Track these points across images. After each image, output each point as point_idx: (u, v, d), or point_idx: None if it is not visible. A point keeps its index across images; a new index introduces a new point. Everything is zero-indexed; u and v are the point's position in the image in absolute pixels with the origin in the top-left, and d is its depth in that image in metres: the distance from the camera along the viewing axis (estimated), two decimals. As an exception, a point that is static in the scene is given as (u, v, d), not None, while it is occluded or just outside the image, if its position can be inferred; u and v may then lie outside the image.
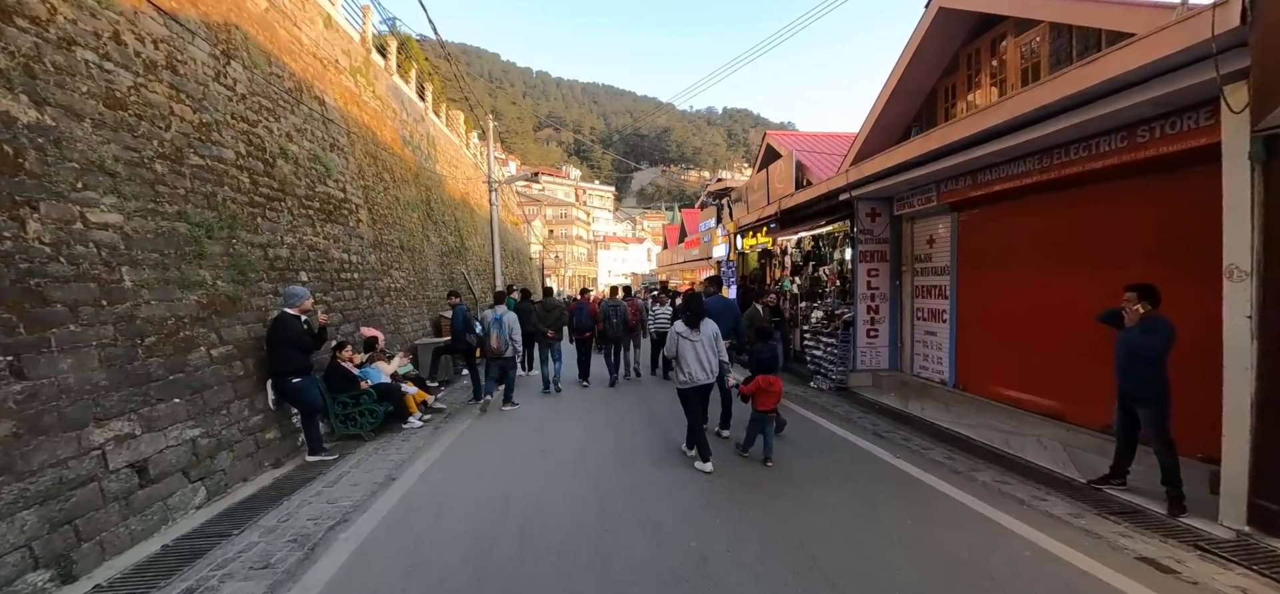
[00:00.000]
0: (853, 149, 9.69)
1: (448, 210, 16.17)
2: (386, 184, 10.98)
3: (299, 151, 7.49)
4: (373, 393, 6.19)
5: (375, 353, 7.01)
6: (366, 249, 9.02)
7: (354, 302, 8.09)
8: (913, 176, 7.53)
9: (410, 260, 11.36)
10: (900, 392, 8.42)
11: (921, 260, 8.69)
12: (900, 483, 4.64)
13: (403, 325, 9.95)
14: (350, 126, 9.76)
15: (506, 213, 31.79)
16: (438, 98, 18.69)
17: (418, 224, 12.57)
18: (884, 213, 9.05)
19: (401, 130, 13.46)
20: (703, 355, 4.96)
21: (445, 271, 14.17)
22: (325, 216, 7.81)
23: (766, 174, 13.35)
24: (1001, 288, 7.06)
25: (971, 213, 7.55)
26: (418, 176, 13.71)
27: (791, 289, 11.55)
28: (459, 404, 8.06)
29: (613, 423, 6.85)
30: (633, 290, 13.66)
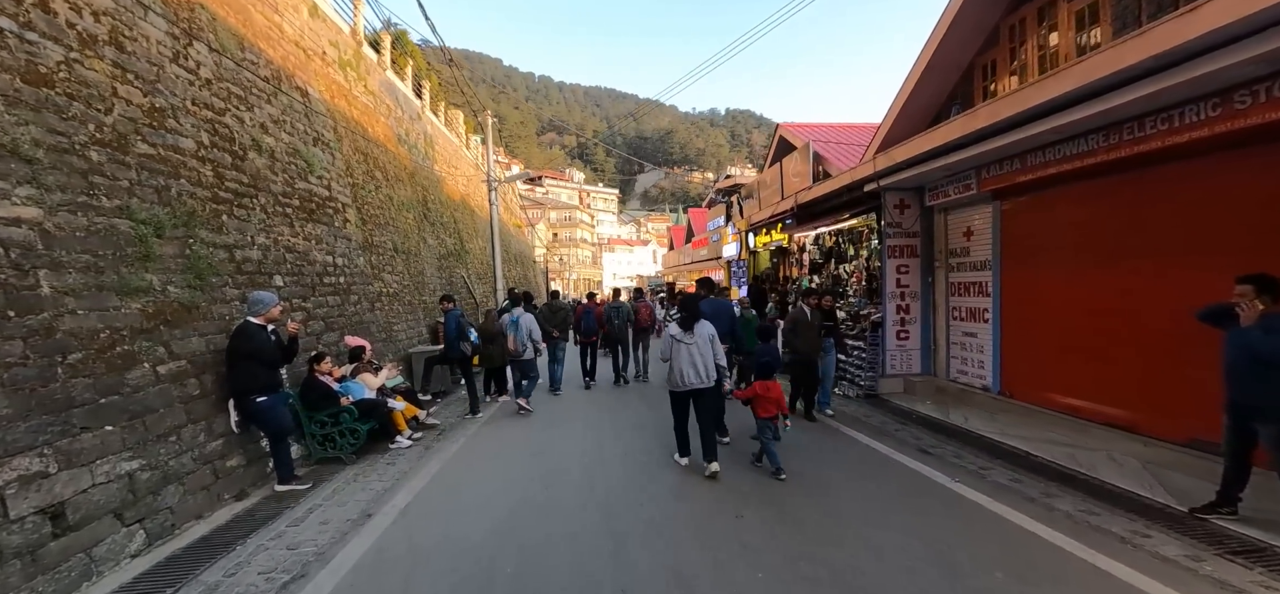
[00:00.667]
0: (878, 136, 8.96)
1: (447, 212, 15.54)
2: (378, 183, 10.34)
3: (276, 145, 6.84)
4: (354, 410, 5.51)
5: (361, 364, 6.34)
6: (355, 251, 8.36)
7: (339, 308, 7.42)
8: (951, 162, 6.80)
9: (405, 263, 10.71)
10: (937, 398, 7.66)
11: (957, 255, 7.94)
12: (970, 516, 3.90)
13: (396, 333, 9.28)
14: (337, 121, 9.12)
15: (509, 215, 31.19)
16: (435, 96, 18.09)
17: (413, 225, 11.93)
18: (914, 204, 8.31)
19: (396, 128, 12.84)
20: (697, 358, 4.75)
21: (444, 275, 13.52)
22: (307, 215, 7.16)
23: (779, 168, 12.62)
24: (1055, 283, 6.31)
25: (1017, 200, 6.81)
26: (413, 176, 13.08)
27: (811, 288, 10.80)
28: (455, 418, 7.38)
29: (621, 437, 6.15)
30: (644, 293, 13.50)
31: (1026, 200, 6.65)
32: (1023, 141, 5.79)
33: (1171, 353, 5.01)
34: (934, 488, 4.45)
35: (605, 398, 8.86)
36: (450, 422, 7.17)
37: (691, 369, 4.74)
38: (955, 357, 8.02)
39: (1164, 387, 5.12)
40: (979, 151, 6.25)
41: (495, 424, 6.99)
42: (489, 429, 6.72)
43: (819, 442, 5.92)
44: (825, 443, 5.87)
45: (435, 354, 7.53)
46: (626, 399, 8.78)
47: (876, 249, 9.38)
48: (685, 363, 4.75)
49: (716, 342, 4.89)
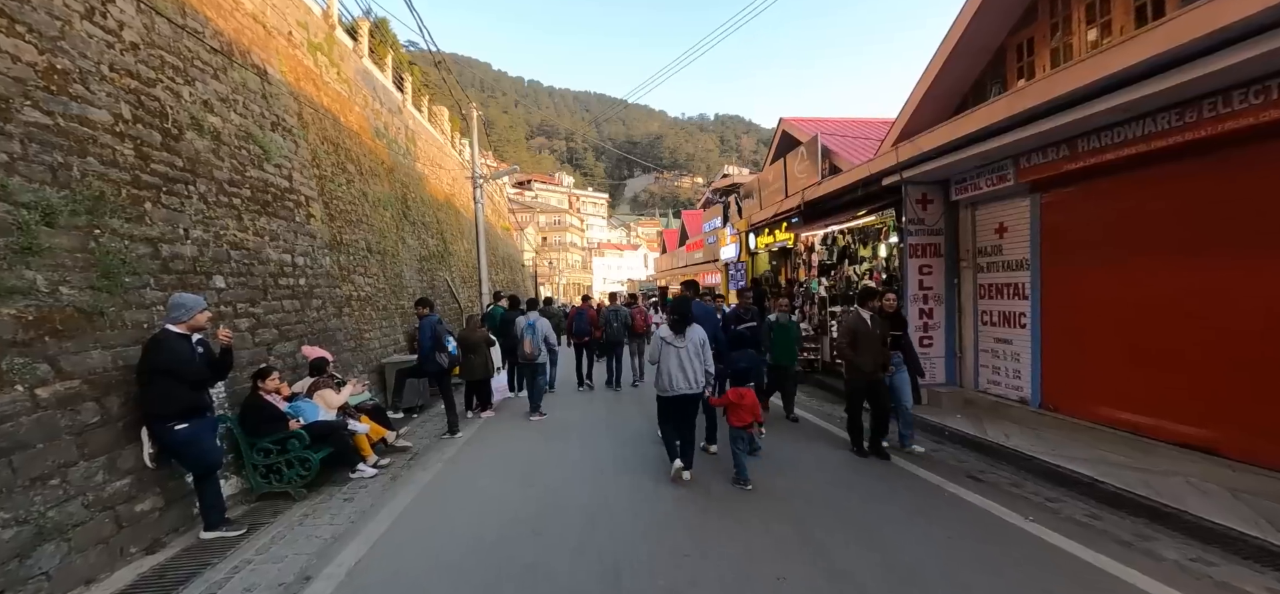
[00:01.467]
0: (896, 127, 8.27)
1: (429, 211, 14.62)
2: (351, 177, 9.44)
3: (224, 126, 5.94)
4: (304, 436, 4.62)
5: (320, 379, 5.44)
6: (319, 250, 7.45)
7: (298, 314, 6.52)
8: (986, 150, 6.11)
9: (380, 264, 9.80)
10: (967, 412, 6.93)
11: (987, 253, 7.25)
12: (1073, 573, 3.12)
13: (367, 341, 8.37)
14: (303, 106, 8.22)
15: (497, 218, 30.24)
16: (418, 91, 17.18)
17: (391, 224, 11.02)
18: (938, 198, 7.62)
19: (373, 120, 11.94)
20: (687, 364, 4.63)
21: (425, 278, 12.61)
22: (260, 208, 6.26)
23: (783, 164, 11.92)
24: (1111, 282, 5.62)
25: (1062, 192, 6.12)
26: (392, 172, 12.17)
27: (819, 291, 10.09)
28: (431, 438, 6.49)
29: (622, 458, 5.35)
30: (637, 298, 12.88)
31: (1074, 192, 5.96)
32: (1075, 124, 5.11)
33: (1267, 360, 4.31)
34: (1008, 530, 3.69)
35: (601, 406, 8.04)
36: (425, 443, 6.28)
37: (681, 374, 4.60)
38: (985, 365, 7.31)
39: (1254, 400, 4.42)
40: (1022, 137, 5.55)
41: (477, 445, 6.12)
42: (470, 452, 5.84)
43: (852, 467, 5.15)
44: (866, 471, 5.10)
45: (408, 366, 6.66)
46: (624, 408, 7.99)
47: (894, 247, 8.69)
48: (674, 367, 4.62)
49: (707, 347, 4.76)
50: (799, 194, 10.58)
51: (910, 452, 5.50)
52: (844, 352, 5.57)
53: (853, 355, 5.43)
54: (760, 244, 12.97)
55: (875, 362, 5.32)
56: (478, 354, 7.37)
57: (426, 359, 6.17)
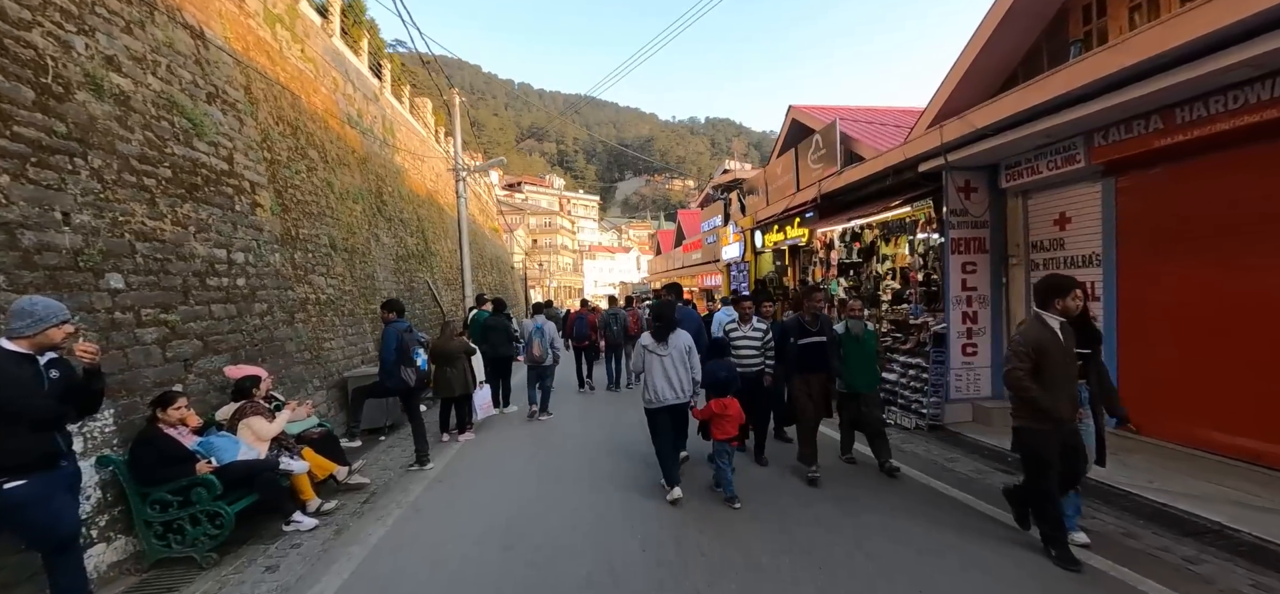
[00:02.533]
0: (933, 106, 7.32)
1: (408, 207, 13.46)
2: (312, 164, 8.31)
3: (135, 91, 4.82)
4: (214, 483, 3.52)
5: (246, 405, 4.32)
6: (267, 245, 6.33)
7: (234, 321, 5.39)
8: (1052, 126, 5.17)
9: (347, 263, 8.67)
10: (1026, 432, 5.96)
11: (1044, 248, 6.31)
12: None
13: (327, 351, 7.24)
14: (252, 80, 7.09)
15: (485, 219, 29.06)
16: (398, 80, 16.02)
17: (362, 219, 9.89)
18: (982, 186, 6.67)
19: (345, 106, 10.80)
20: (672, 372, 4.42)
21: (402, 279, 11.46)
22: (185, 192, 5.13)
23: (793, 155, 10.97)
24: (1220, 282, 4.67)
25: (1144, 174, 5.19)
26: (366, 162, 11.03)
27: (839, 293, 9.12)
28: (395, 471, 5.39)
29: (627, 492, 4.28)
30: (631, 301, 12.05)
31: (1161, 174, 5.03)
32: (1175, 90, 4.17)
33: None
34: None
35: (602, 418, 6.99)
36: (387, 477, 5.18)
37: (666, 383, 4.39)
38: (1042, 377, 6.35)
39: None
40: (1109, 106, 4.60)
41: (450, 482, 5.02)
42: (439, 493, 4.75)
43: (909, 504, 4.13)
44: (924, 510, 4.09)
45: (368, 384, 5.55)
46: (626, 419, 6.96)
47: (925, 243, 7.73)
48: (659, 377, 4.40)
49: (693, 353, 4.53)
50: (814, 186, 9.62)
51: (1074, 544, 3.40)
52: (1019, 385, 3.28)
53: (1035, 392, 3.21)
54: (768, 242, 11.99)
55: (1066, 390, 3.30)
56: (455, 367, 6.28)
57: (389, 374, 5.07)
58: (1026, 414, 3.36)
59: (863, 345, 5.10)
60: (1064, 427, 3.30)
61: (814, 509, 4.10)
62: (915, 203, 7.30)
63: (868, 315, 8.39)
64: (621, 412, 7.83)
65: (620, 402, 8.50)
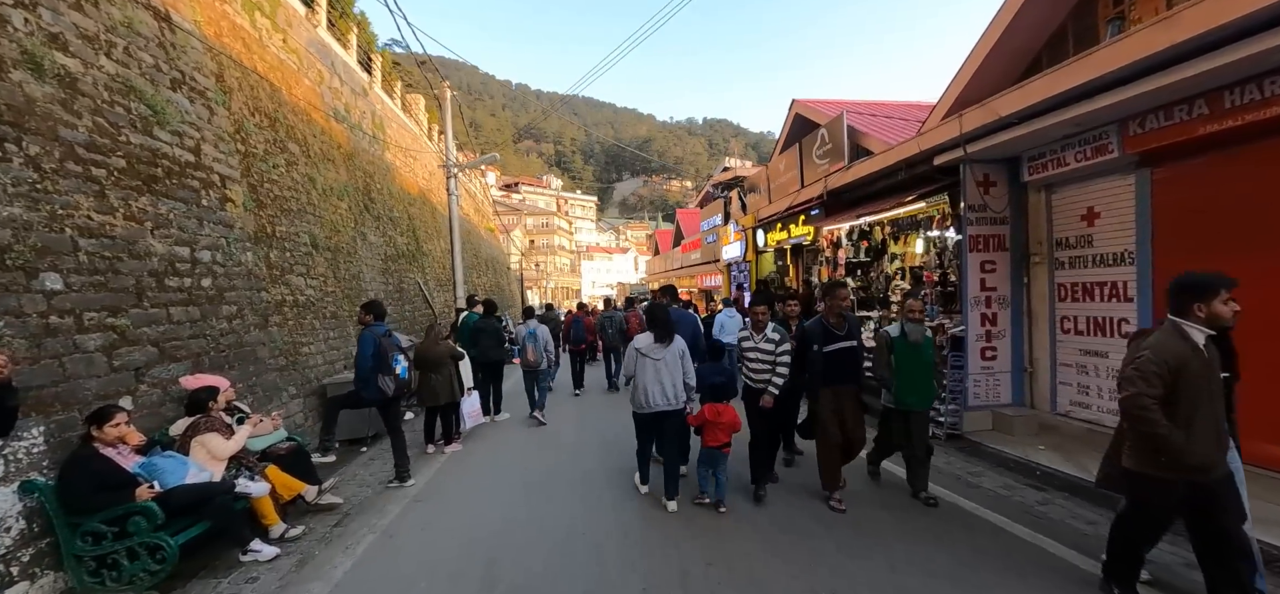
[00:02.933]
0: (949, 95, 6.93)
1: (399, 206, 13.03)
2: (293, 159, 7.87)
3: (85, 73, 4.39)
4: (154, 511, 3.08)
5: (202, 420, 3.88)
6: (238, 242, 5.89)
7: (196, 325, 4.95)
8: (1085, 113, 4.79)
9: (330, 263, 8.23)
10: (1053, 442, 5.58)
11: (1069, 245, 5.92)
12: None
13: (305, 357, 6.80)
14: (225, 68, 6.66)
15: (480, 218, 28.62)
16: (389, 76, 15.59)
17: (348, 217, 9.45)
18: (1002, 180, 6.29)
19: (331, 100, 10.36)
20: (665, 377, 4.24)
21: (391, 280, 11.02)
22: (142, 184, 4.70)
23: (797, 151, 10.58)
24: (1270, 283, 4.28)
25: (1184, 165, 4.80)
26: (353, 158, 10.59)
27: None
28: (373, 488, 4.95)
29: (621, 502, 3.86)
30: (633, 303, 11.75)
31: (1206, 163, 4.64)
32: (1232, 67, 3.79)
33: None
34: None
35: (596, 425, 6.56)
36: (364, 495, 4.74)
37: (658, 388, 4.21)
38: (1068, 382, 5.97)
39: None
40: (1153, 88, 4.22)
41: (432, 502, 4.59)
42: (418, 515, 4.31)
43: (940, 529, 3.72)
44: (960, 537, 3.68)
45: (341, 396, 5.11)
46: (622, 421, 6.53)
47: (941, 240, 7.34)
48: (650, 381, 4.22)
49: (686, 358, 4.34)
50: (820, 182, 9.23)
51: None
52: (1146, 417, 2.47)
53: (1166, 431, 2.46)
54: (771, 241, 11.59)
55: (1217, 436, 2.55)
56: (440, 373, 5.86)
57: (365, 383, 4.63)
58: (1149, 457, 2.54)
59: (920, 354, 4.26)
60: (1204, 473, 2.49)
61: (835, 535, 3.69)
62: (930, 198, 6.90)
63: (879, 316, 8.01)
64: (617, 416, 7.40)
65: (616, 406, 8.10)
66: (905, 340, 4.29)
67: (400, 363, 4.74)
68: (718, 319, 9.29)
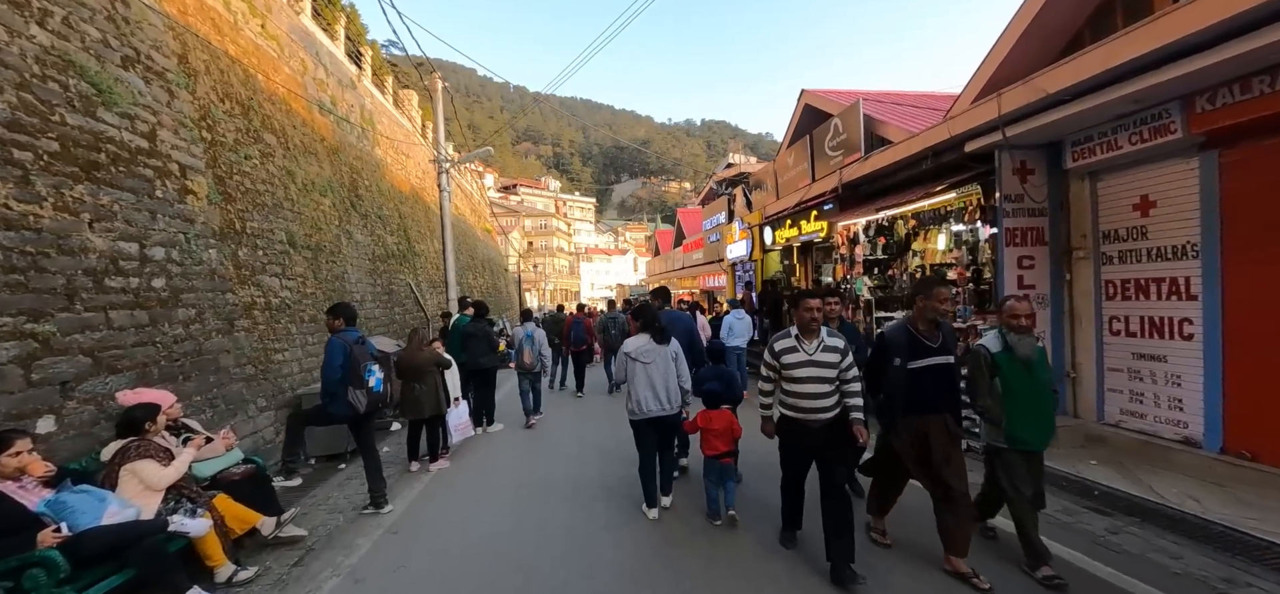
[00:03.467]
0: (980, 77, 6.37)
1: (389, 204, 12.46)
2: (269, 150, 7.30)
3: (11, 43, 3.83)
4: (57, 562, 2.51)
5: (135, 444, 3.30)
6: (199, 238, 5.32)
7: (144, 331, 4.38)
8: (1142, 88, 4.24)
9: (310, 263, 7.65)
10: (1099, 454, 5.04)
11: (1119, 238, 5.37)
12: None
13: (278, 365, 6.22)
14: (191, 49, 6.10)
15: (477, 219, 28.06)
16: (380, 70, 15.04)
17: (332, 214, 8.87)
18: (1040, 167, 5.76)
19: (315, 91, 9.81)
20: (657, 381, 4.00)
21: (379, 281, 10.45)
22: (81, 171, 4.13)
23: (807, 144, 10.03)
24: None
25: (1261, 145, 4.25)
26: (338, 153, 10.02)
27: (864, 293, 8.17)
28: (347, 514, 4.38)
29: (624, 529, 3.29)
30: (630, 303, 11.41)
31: (1285, 142, 4.09)
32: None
33: None
34: None
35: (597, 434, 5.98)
36: (333, 525, 4.16)
37: (650, 393, 4.02)
38: (1117, 389, 5.41)
39: None
40: (1233, 56, 3.67)
41: (411, 529, 4.02)
42: (394, 547, 3.74)
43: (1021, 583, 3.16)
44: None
45: (305, 413, 4.51)
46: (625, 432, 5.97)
47: (973, 234, 6.78)
48: (642, 386, 4.03)
49: (681, 360, 4.15)
50: (834, 175, 8.67)
51: None
52: None
53: None
54: (779, 238, 11.03)
55: None
56: (424, 383, 5.28)
57: (333, 396, 4.05)
58: None
59: (1033, 375, 3.13)
60: None
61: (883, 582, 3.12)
62: (961, 188, 6.35)
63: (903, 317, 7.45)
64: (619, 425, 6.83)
65: (616, 411, 7.56)
66: (1011, 356, 3.14)
67: (374, 374, 4.17)
68: (725, 321, 8.75)
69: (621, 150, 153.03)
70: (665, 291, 7.02)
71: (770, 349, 3.34)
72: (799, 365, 3.16)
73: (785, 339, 3.28)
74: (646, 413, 4.00)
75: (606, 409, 8.18)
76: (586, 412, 8.14)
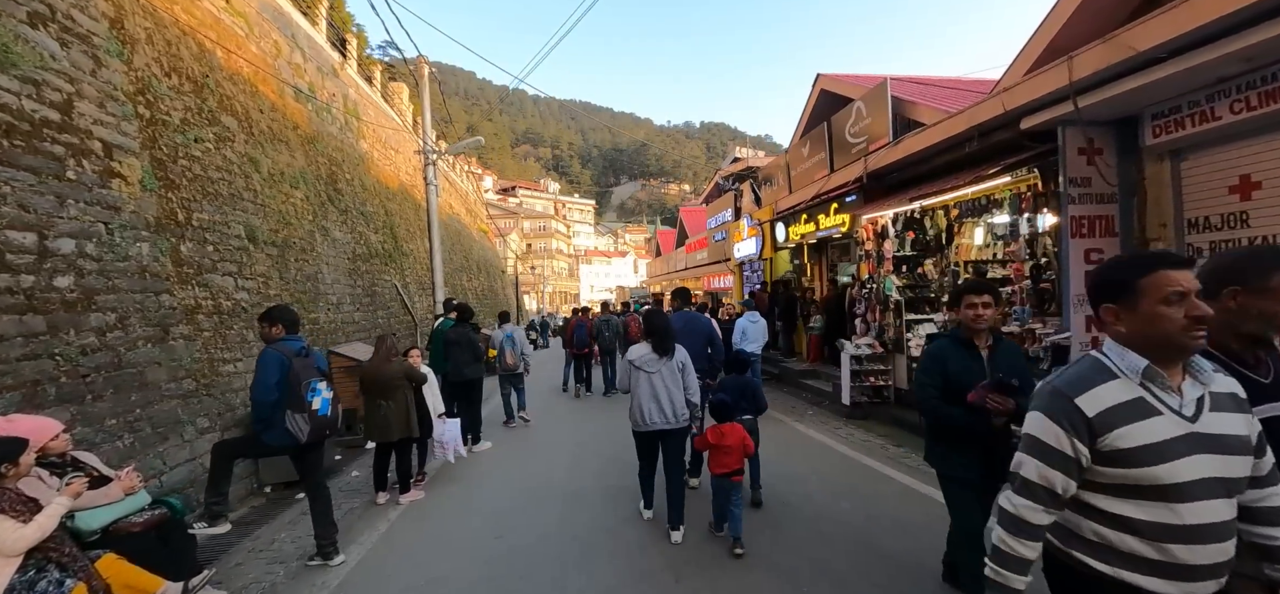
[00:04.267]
0: (1037, 44, 5.56)
1: (374, 200, 11.65)
2: (227, 134, 6.49)
3: None
4: None
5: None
6: (126, 229, 4.50)
7: (40, 341, 3.57)
8: (1256, 42, 3.46)
9: (275, 261, 6.84)
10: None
11: (1211, 227, 4.57)
12: None
13: (226, 379, 5.39)
14: (130, 14, 5.29)
15: (473, 219, 27.27)
16: (367, 60, 14.26)
17: (304, 208, 8.06)
18: (1109, 146, 4.96)
19: (290, 76, 9.01)
20: (662, 392, 3.71)
21: (360, 282, 9.64)
22: (-45, 144, 3.31)
23: (824, 132, 9.25)
24: None
25: None
26: (315, 142, 9.22)
27: (893, 294, 7.36)
28: (287, 567, 3.55)
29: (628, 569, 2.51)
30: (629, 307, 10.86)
31: None
32: None
33: None
34: None
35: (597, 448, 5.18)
36: (268, 584, 3.33)
37: (654, 404, 3.70)
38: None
39: None
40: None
41: (368, 586, 3.20)
42: None
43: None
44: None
45: (234, 442, 3.67)
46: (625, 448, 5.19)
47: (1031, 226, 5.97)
48: (646, 397, 3.72)
49: (689, 370, 3.82)
50: (858, 162, 7.89)
51: None
52: None
53: None
54: (793, 235, 10.22)
55: None
56: (392, 400, 4.46)
57: (267, 423, 3.23)
58: None
59: None
60: None
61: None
62: (1014, 171, 5.54)
63: (943, 321, 6.64)
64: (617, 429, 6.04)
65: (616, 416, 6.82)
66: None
67: (319, 393, 3.35)
68: (738, 325, 7.95)
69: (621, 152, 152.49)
70: (685, 292, 6.30)
71: (1054, 414, 1.31)
72: (1166, 446, 1.22)
73: (1102, 384, 1.30)
74: (650, 425, 3.74)
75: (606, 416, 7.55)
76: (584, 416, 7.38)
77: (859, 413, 7.36)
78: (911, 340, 7.29)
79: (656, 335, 3.79)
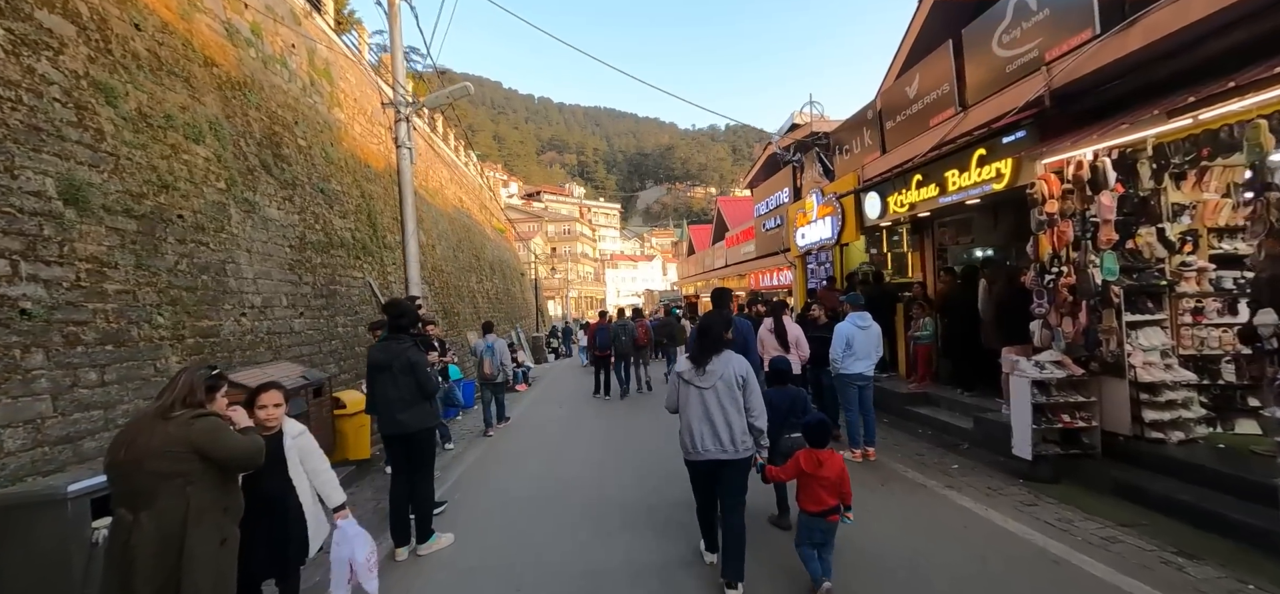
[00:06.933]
0: None
1: (343, 177, 9.31)
2: (41, 38, 4.13)
3: None
4: None
5: None
6: None
7: None
8: None
9: (141, 245, 4.43)
10: None
11: None
12: None
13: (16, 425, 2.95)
14: None
15: (486, 217, 25.06)
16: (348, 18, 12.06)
17: (211, 172, 5.68)
18: None
19: (219, 10, 6.71)
20: (717, 412, 2.93)
21: (311, 278, 7.24)
22: None
23: (948, 54, 6.44)
24: None
25: None
26: (245, 91, 6.87)
27: (1112, 277, 4.47)
28: None
29: None
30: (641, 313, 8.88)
31: None
32: None
33: None
34: None
35: None
36: None
37: (707, 428, 2.93)
38: None
39: None
40: None
41: None
42: None
43: None
44: None
45: None
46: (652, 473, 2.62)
47: None
48: (698, 418, 2.96)
49: (752, 387, 2.99)
50: (1031, 76, 5.06)
51: None
52: None
53: None
54: (899, 206, 7.31)
55: None
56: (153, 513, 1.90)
57: None
58: None
59: None
60: None
61: None
62: None
63: None
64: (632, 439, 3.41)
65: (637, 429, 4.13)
66: None
67: None
68: (839, 332, 5.25)
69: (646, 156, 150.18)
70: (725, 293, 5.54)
71: None
72: None
73: None
74: (703, 454, 2.95)
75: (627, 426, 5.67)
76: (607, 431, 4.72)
77: (1045, 471, 4.53)
78: (1131, 354, 4.42)
79: (701, 341, 3.04)
